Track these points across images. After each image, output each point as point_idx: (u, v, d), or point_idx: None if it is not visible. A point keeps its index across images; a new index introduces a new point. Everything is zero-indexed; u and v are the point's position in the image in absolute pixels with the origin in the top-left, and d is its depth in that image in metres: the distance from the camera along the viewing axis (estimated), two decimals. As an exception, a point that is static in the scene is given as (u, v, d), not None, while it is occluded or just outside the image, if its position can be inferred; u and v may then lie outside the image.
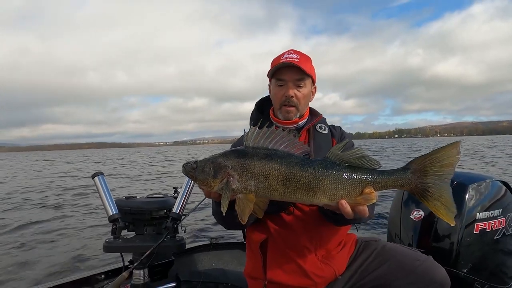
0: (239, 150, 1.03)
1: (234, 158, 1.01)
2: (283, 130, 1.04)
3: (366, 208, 1.02)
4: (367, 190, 0.99)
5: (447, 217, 0.96)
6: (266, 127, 1.03)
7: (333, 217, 1.21)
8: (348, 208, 0.99)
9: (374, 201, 0.99)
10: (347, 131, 1.58)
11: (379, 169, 1.02)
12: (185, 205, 1.86)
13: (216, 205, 1.31)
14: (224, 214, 0.98)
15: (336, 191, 0.99)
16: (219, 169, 1.01)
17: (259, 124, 1.05)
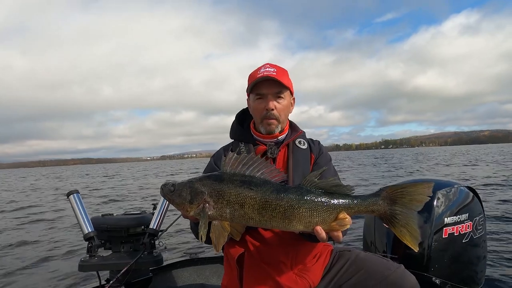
0: (216, 176, 1.04)
1: (210, 184, 1.02)
2: (264, 152, 1.04)
3: (340, 234, 1.04)
4: (341, 216, 1.01)
5: (411, 243, 1.00)
6: (245, 153, 1.06)
7: (309, 236, 1.22)
8: (323, 233, 1.02)
9: (348, 226, 1.02)
10: (335, 143, 1.61)
11: (352, 194, 1.05)
12: (162, 220, 1.87)
13: (194, 223, 1.33)
14: (203, 242, 1.00)
15: (312, 218, 1.01)
16: (196, 195, 1.01)
17: (237, 150, 1.07)
